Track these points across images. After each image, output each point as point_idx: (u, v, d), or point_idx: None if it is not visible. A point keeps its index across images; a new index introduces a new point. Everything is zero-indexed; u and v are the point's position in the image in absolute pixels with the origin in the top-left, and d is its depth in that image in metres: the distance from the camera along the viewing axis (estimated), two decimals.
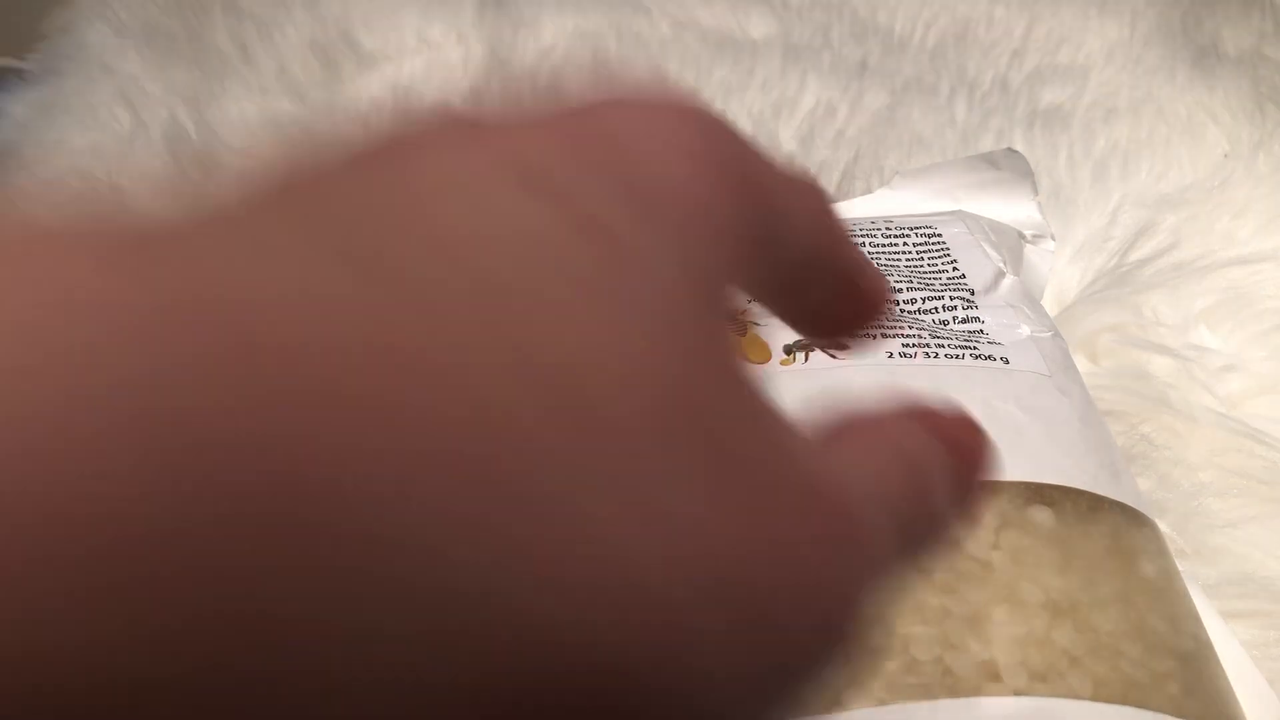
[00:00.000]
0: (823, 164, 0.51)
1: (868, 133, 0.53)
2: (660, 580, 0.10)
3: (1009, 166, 0.42)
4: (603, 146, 0.12)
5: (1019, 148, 0.53)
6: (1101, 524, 0.27)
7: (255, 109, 0.54)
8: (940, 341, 0.31)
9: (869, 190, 0.49)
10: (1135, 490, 0.29)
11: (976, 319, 0.33)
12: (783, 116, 0.54)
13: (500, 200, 0.11)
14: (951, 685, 0.23)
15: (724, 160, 0.13)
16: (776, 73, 0.57)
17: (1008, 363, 0.31)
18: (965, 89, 0.56)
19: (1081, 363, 0.41)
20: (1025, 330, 0.33)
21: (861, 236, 0.37)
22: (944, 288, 0.34)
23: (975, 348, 0.31)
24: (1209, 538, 0.34)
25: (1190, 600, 0.27)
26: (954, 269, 0.35)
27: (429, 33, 0.60)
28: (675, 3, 0.62)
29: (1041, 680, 0.23)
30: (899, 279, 0.34)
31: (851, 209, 0.43)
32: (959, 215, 0.39)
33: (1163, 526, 0.34)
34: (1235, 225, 0.48)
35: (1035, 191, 0.42)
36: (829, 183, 0.49)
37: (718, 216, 0.13)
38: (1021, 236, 0.40)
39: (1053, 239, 0.41)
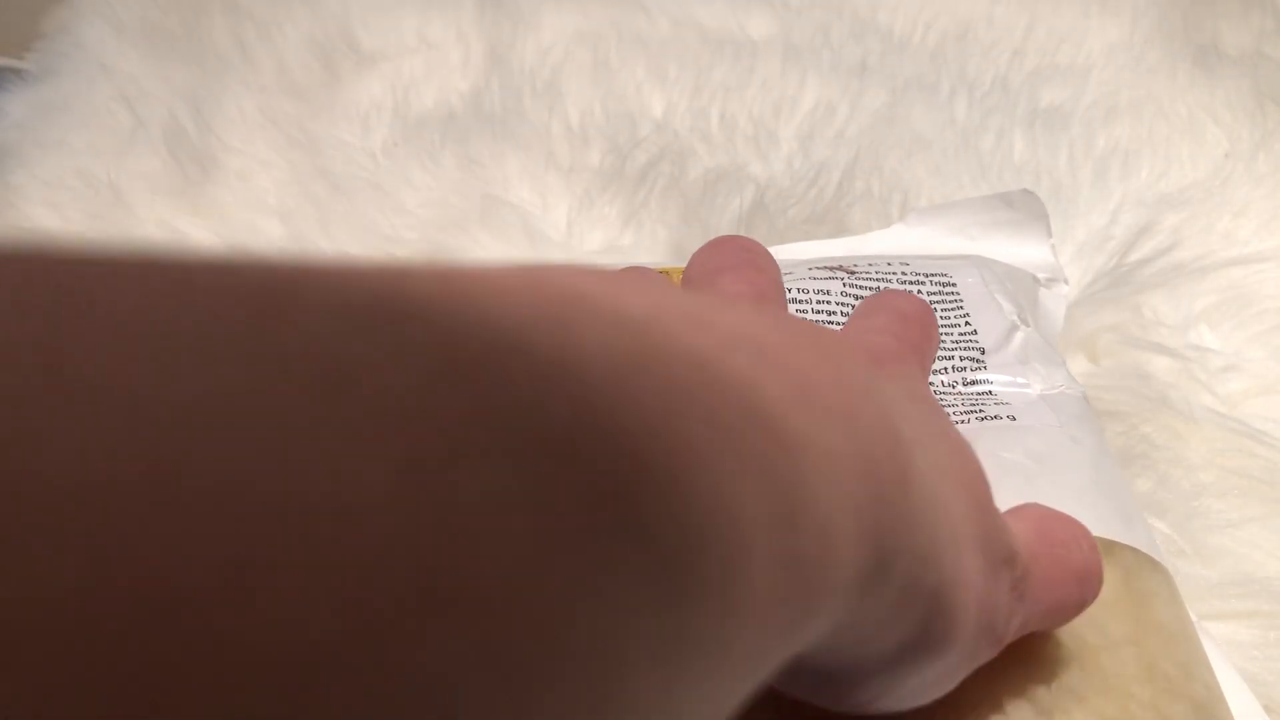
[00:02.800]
0: (823, 164, 0.51)
1: (868, 133, 0.53)
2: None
3: (1024, 207, 0.42)
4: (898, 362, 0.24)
5: (1019, 148, 0.52)
6: (1113, 569, 0.27)
7: (255, 108, 0.54)
8: (947, 408, 0.31)
9: (869, 191, 0.49)
10: (1149, 537, 0.29)
11: (985, 380, 0.33)
12: (783, 116, 0.54)
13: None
14: (958, 715, 0.23)
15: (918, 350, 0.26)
16: (776, 73, 0.57)
17: (1015, 420, 0.31)
18: (965, 89, 0.56)
19: (1081, 363, 0.41)
20: (1035, 389, 0.33)
21: (877, 281, 0.37)
22: (955, 345, 0.34)
23: (981, 410, 0.31)
24: (1209, 538, 0.34)
25: (1203, 648, 0.27)
26: (966, 323, 0.35)
27: (429, 32, 0.60)
28: (675, 2, 0.62)
29: (1047, 717, 0.23)
30: None
31: (866, 245, 0.43)
32: (974, 261, 0.39)
33: (1163, 526, 0.34)
34: (1235, 225, 0.48)
35: (1049, 234, 0.42)
36: (829, 183, 0.49)
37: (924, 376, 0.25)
38: (1035, 280, 0.40)
39: (1066, 282, 0.41)
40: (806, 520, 0.14)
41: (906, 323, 0.26)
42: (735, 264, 0.27)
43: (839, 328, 0.34)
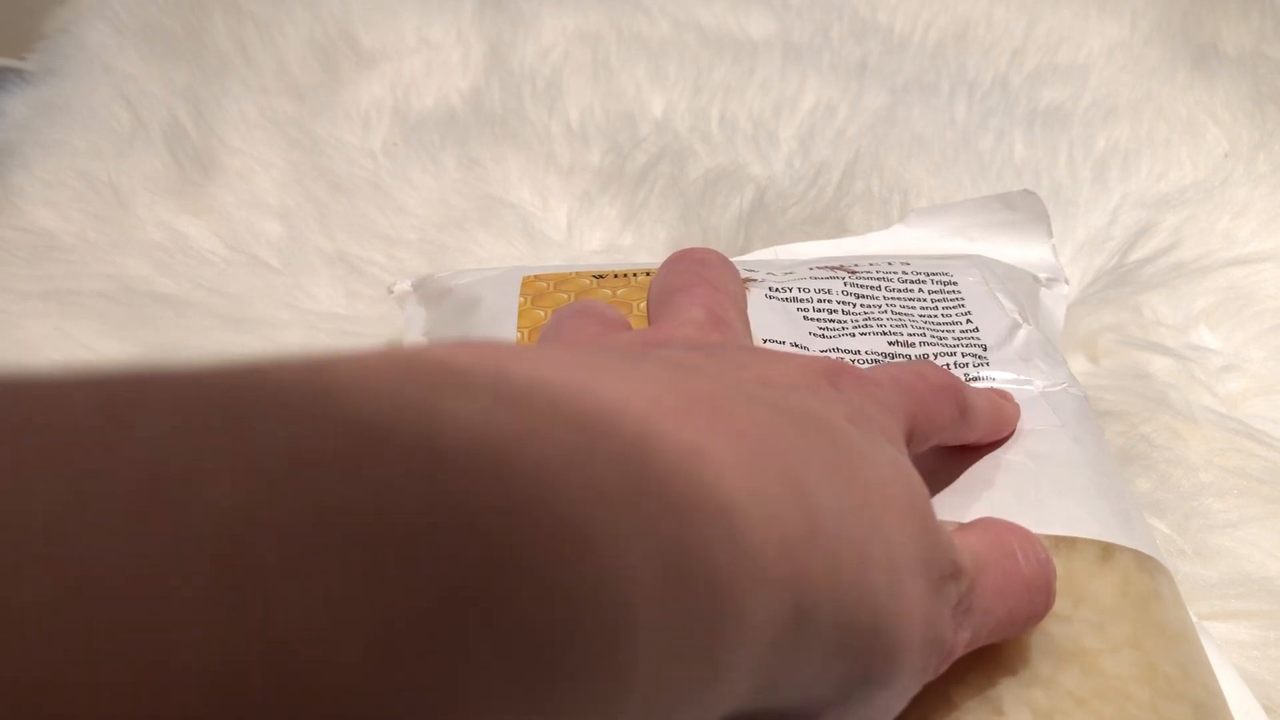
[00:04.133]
0: (823, 164, 0.51)
1: (868, 133, 0.53)
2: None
3: (1024, 208, 0.42)
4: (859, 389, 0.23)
5: (1019, 148, 0.52)
6: (1113, 571, 0.27)
7: (255, 109, 0.54)
8: None
9: (869, 191, 0.49)
10: (1149, 537, 0.29)
11: (988, 378, 0.33)
12: (783, 116, 0.54)
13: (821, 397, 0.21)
14: (956, 717, 0.23)
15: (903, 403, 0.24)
16: (776, 73, 0.57)
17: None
18: (965, 89, 0.56)
19: (1081, 363, 0.41)
20: (1037, 385, 0.33)
21: (878, 280, 0.37)
22: (957, 342, 0.34)
23: None
24: (1209, 538, 0.34)
25: (1203, 649, 0.27)
26: (968, 321, 0.35)
27: (429, 32, 0.60)
28: (675, 3, 0.62)
29: (1046, 719, 0.23)
30: (913, 331, 0.34)
31: (866, 245, 0.43)
32: (975, 261, 0.39)
33: (1163, 526, 0.34)
34: (1235, 225, 0.48)
35: (1050, 234, 0.42)
36: (829, 183, 0.49)
37: (898, 421, 0.23)
38: (1036, 280, 0.40)
39: (1066, 282, 0.41)
40: (699, 578, 0.14)
41: (920, 378, 0.25)
42: (688, 284, 0.26)
43: (840, 326, 0.34)
